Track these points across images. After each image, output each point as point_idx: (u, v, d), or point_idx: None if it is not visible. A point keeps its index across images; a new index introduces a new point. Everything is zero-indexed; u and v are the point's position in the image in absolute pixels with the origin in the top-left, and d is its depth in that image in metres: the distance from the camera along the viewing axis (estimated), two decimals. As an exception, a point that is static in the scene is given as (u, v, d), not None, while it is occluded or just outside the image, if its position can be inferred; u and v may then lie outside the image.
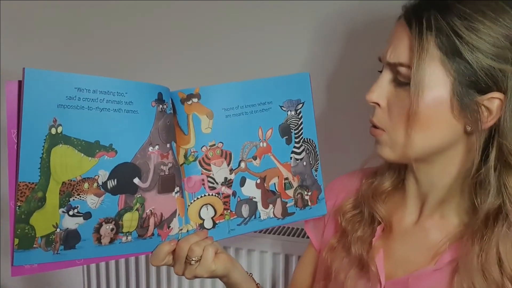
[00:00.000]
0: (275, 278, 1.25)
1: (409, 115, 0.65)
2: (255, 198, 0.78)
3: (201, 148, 0.74)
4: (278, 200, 0.80)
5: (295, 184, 0.81)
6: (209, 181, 0.75)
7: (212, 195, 0.75)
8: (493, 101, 0.64)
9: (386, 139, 0.70)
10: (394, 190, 0.80)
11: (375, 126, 0.72)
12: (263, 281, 1.25)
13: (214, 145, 0.75)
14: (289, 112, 0.79)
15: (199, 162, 0.74)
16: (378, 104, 0.70)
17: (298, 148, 0.80)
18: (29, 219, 0.62)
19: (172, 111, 0.73)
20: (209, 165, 0.75)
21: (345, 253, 0.80)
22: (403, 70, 0.66)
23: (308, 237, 0.90)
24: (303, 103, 0.80)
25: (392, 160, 0.72)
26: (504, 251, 0.65)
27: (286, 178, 0.80)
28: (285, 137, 0.79)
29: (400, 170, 0.79)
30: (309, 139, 0.81)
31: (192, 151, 0.74)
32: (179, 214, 0.73)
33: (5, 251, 1.49)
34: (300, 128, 0.80)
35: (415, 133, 0.66)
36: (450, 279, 0.68)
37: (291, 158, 0.80)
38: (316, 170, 0.82)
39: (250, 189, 0.78)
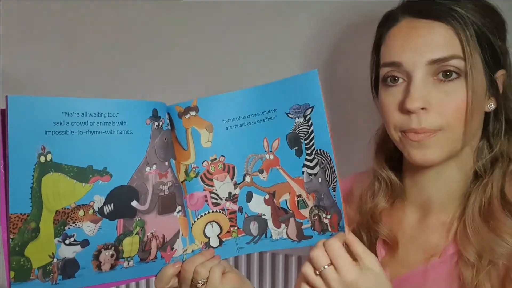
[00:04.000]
0: (274, 278, 1.23)
1: (469, 107, 0.65)
2: (264, 215, 0.72)
3: (202, 163, 0.71)
4: (291, 220, 0.71)
5: (310, 203, 0.70)
6: (212, 197, 0.72)
7: (216, 211, 0.72)
8: (500, 78, 0.70)
9: (441, 137, 0.67)
10: (391, 206, 0.79)
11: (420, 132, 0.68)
12: (263, 281, 1.23)
13: (216, 159, 0.71)
14: (297, 120, 0.69)
15: (201, 177, 0.71)
16: (424, 108, 0.67)
17: (311, 161, 0.69)
18: (23, 251, 0.60)
19: (169, 127, 0.69)
20: (212, 180, 0.71)
21: None
22: (455, 62, 0.65)
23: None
24: (312, 107, 0.68)
25: (439, 161, 0.69)
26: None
27: (299, 195, 0.70)
28: (294, 148, 0.70)
29: (394, 187, 0.77)
30: (323, 151, 0.68)
31: (193, 166, 0.71)
32: (182, 234, 0.70)
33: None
34: (311, 137, 0.68)
35: (471, 122, 0.66)
36: (454, 268, 0.69)
37: (303, 172, 0.70)
38: (334, 190, 0.67)
39: (258, 205, 0.72)
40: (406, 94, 0.67)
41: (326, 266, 0.60)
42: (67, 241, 0.62)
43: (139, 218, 0.66)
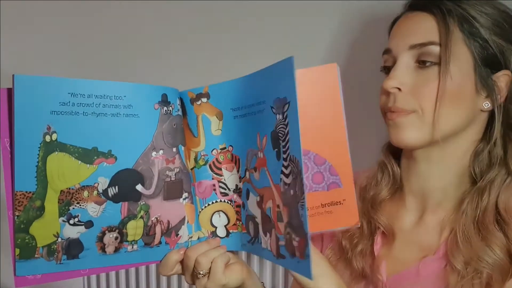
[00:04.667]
0: (274, 279, 1.22)
1: (440, 93, 0.67)
2: (256, 218, 0.66)
3: (212, 151, 0.70)
4: (273, 232, 0.62)
5: (285, 218, 0.59)
6: (220, 187, 0.70)
7: (224, 201, 0.71)
8: (502, 78, 0.70)
9: (414, 119, 0.69)
10: (392, 197, 0.79)
11: (394, 111, 0.71)
12: (263, 281, 1.21)
13: (225, 148, 0.70)
14: (278, 116, 0.59)
15: (210, 166, 0.70)
16: (399, 89, 0.70)
17: (286, 167, 0.58)
18: (28, 228, 0.61)
19: (180, 113, 0.69)
20: (220, 169, 0.70)
21: (346, 268, 0.78)
22: (432, 48, 0.68)
23: None
24: (289, 103, 0.57)
25: (414, 143, 0.71)
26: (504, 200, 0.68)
27: (278, 206, 0.60)
28: (275, 150, 0.60)
29: (395, 176, 0.78)
30: (295, 158, 0.56)
31: (202, 154, 0.70)
32: (188, 221, 0.69)
33: (5, 251, 1.51)
34: (286, 139, 0.58)
35: (445, 111, 0.67)
36: (442, 270, 0.70)
37: (280, 179, 0.60)
38: (302, 207, 0.55)
39: (253, 206, 0.66)
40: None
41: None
42: (71, 221, 0.63)
43: (143, 202, 0.66)
